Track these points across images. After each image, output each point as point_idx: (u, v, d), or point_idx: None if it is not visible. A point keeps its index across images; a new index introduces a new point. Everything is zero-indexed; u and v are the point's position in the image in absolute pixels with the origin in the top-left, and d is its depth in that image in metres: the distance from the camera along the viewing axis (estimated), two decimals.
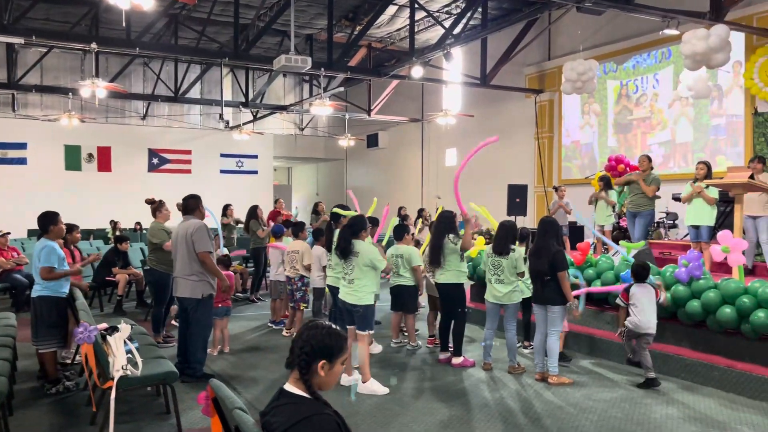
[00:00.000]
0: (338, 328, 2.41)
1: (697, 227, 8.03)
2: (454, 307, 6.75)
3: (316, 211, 12.92)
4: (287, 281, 8.30)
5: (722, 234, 6.27)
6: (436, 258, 6.71)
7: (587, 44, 14.08)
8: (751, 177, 7.30)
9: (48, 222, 5.72)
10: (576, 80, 10.64)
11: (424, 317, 8.12)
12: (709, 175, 7.93)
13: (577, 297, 6.77)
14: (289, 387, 2.29)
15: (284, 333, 8.24)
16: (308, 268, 8.04)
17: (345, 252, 5.92)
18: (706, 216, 7.92)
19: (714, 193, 7.90)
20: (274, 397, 2.32)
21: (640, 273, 6.04)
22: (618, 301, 6.25)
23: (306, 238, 8.47)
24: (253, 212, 11.10)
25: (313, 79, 22.69)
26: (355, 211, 11.16)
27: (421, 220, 13.56)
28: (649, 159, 8.93)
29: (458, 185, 6.89)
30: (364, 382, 5.80)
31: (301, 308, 8.08)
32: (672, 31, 10.04)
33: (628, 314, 6.00)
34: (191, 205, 6.26)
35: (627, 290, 6.06)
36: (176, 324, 8.58)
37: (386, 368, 6.63)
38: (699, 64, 8.98)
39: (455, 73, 15.83)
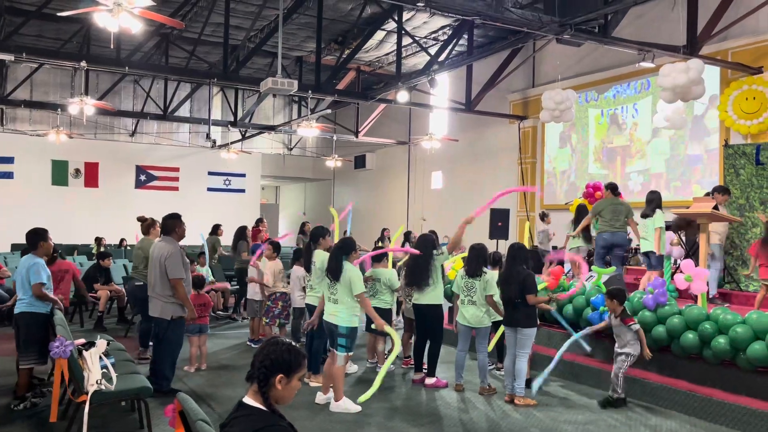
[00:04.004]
0: (296, 345, 2.57)
1: (646, 254, 8.22)
2: (432, 328, 6.85)
3: (302, 231, 12.99)
4: (268, 299, 8.47)
5: (685, 263, 6.48)
6: (421, 279, 6.67)
7: (570, 73, 14.44)
8: (716, 207, 7.52)
9: (38, 238, 5.77)
10: (554, 109, 10.91)
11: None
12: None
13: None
14: (248, 399, 2.43)
15: None
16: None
17: (335, 272, 5.88)
18: (649, 243, 8.07)
19: (659, 222, 7.97)
20: (233, 409, 2.46)
21: (620, 297, 6.10)
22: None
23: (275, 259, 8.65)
24: (242, 233, 11.22)
25: (302, 99, 22.95)
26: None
27: (408, 243, 13.66)
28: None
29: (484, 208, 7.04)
30: (336, 401, 5.91)
31: (276, 325, 8.18)
32: (648, 64, 10.37)
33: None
34: (169, 226, 6.18)
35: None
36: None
37: (361, 387, 6.73)
38: (678, 96, 9.20)
39: (441, 98, 16.13)
